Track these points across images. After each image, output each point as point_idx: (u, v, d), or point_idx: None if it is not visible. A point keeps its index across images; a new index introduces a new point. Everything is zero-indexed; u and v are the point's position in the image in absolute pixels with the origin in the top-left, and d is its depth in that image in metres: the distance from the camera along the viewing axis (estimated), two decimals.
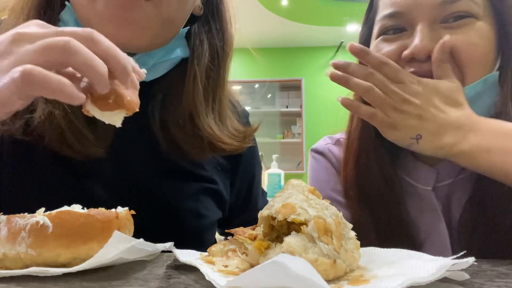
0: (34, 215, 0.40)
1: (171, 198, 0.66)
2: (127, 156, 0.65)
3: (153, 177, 0.65)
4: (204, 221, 0.69)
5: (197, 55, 0.68)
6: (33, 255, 0.39)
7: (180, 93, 0.66)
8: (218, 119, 0.69)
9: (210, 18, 0.72)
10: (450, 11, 0.62)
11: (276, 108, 5.60)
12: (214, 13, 0.72)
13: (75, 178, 0.62)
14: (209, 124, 0.66)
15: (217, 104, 0.70)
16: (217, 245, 0.45)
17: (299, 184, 0.42)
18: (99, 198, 0.61)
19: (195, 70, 0.67)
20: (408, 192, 0.70)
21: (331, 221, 0.37)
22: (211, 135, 0.66)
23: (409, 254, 0.42)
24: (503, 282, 0.37)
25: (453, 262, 0.35)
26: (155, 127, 0.66)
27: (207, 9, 0.72)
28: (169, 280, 0.38)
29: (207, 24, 0.71)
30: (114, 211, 0.44)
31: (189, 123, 0.65)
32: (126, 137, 0.63)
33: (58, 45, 0.39)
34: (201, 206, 0.68)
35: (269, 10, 4.36)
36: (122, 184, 0.63)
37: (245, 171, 0.80)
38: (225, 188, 0.75)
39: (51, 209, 0.42)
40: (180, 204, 0.66)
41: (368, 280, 0.35)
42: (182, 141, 0.65)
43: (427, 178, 0.69)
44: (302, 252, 0.34)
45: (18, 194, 0.60)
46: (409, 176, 0.70)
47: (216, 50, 0.70)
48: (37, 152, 0.60)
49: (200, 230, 0.69)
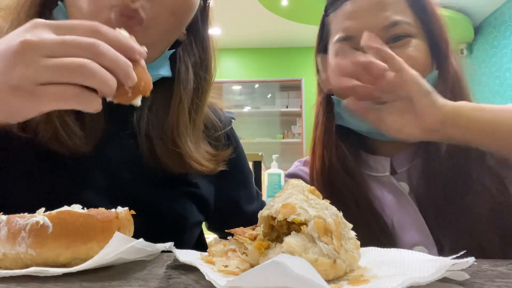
0: (34, 215, 0.40)
1: (151, 199, 0.68)
2: (112, 159, 0.67)
3: (134, 179, 0.68)
4: (185, 222, 0.72)
5: (183, 80, 0.72)
6: (33, 255, 0.39)
7: (166, 112, 0.70)
8: (194, 142, 0.73)
9: (194, 44, 0.75)
10: (391, 33, 0.74)
11: (276, 108, 5.61)
12: (197, 39, 0.76)
13: (62, 180, 0.63)
14: (189, 146, 0.70)
15: (196, 129, 0.74)
16: (217, 245, 0.45)
17: (299, 184, 0.42)
18: (84, 199, 0.62)
19: (181, 94, 0.70)
20: (371, 181, 0.80)
21: (331, 221, 0.37)
22: (189, 156, 0.69)
23: (409, 254, 0.42)
24: (503, 282, 0.37)
25: (453, 262, 0.35)
26: (140, 136, 0.69)
27: (191, 35, 0.75)
28: (169, 280, 0.38)
29: (191, 51, 0.75)
30: (114, 211, 0.44)
31: (170, 141, 0.69)
32: (112, 140, 0.67)
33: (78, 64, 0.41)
34: (181, 208, 0.71)
35: (269, 10, 4.37)
36: (107, 185, 0.65)
37: (231, 177, 0.81)
38: (209, 192, 0.77)
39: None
40: (160, 206, 0.68)
41: (368, 280, 0.35)
42: (163, 155, 0.68)
43: (384, 166, 0.80)
44: (302, 252, 0.35)
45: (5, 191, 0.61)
46: (370, 170, 0.81)
47: (200, 80, 0.74)
48: (27, 153, 0.61)
49: (180, 230, 0.72)
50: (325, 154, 0.82)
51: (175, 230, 0.70)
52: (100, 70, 0.42)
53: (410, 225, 0.73)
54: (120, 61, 0.43)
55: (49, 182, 0.62)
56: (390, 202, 0.76)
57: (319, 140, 0.84)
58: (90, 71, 0.41)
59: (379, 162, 0.81)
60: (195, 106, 0.73)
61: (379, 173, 0.80)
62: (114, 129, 0.68)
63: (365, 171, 0.81)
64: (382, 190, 0.79)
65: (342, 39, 0.78)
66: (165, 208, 0.69)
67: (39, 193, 0.61)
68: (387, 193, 0.78)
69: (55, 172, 0.63)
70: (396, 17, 0.75)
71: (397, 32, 0.75)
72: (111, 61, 0.42)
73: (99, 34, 0.43)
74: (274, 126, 5.58)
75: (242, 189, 0.86)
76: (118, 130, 0.68)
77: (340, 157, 0.80)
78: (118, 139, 0.68)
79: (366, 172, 0.81)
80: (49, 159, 0.62)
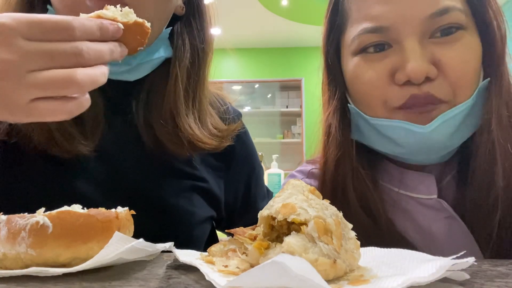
0: (34, 215, 0.40)
1: (158, 195, 0.68)
2: (114, 154, 0.67)
3: (140, 175, 0.68)
4: (193, 218, 0.71)
5: (179, 56, 0.70)
6: (33, 255, 0.39)
7: (162, 93, 0.69)
8: (198, 119, 0.71)
9: (191, 17, 0.74)
10: (439, 24, 0.57)
11: (276, 108, 5.60)
12: (195, 12, 0.74)
13: (64, 177, 0.63)
14: (189, 124, 0.69)
15: (197, 104, 0.72)
16: (217, 245, 0.45)
17: (299, 184, 0.42)
18: (87, 195, 0.63)
19: (177, 71, 0.69)
20: (410, 206, 0.63)
21: (331, 221, 0.37)
22: (190, 135, 0.68)
23: (409, 254, 0.42)
24: (503, 282, 0.37)
25: (453, 262, 0.35)
26: (140, 124, 0.68)
27: (189, 8, 0.74)
28: (169, 280, 0.38)
29: (189, 24, 0.74)
30: (114, 211, 0.44)
31: (170, 122, 0.68)
32: (113, 135, 0.67)
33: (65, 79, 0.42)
34: (189, 203, 0.70)
35: (269, 10, 4.36)
36: (110, 181, 0.65)
37: (239, 171, 0.81)
38: (218, 187, 0.76)
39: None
40: (168, 201, 0.68)
41: (368, 280, 0.35)
42: (164, 139, 0.68)
43: (426, 186, 0.62)
44: (302, 252, 0.34)
45: (7, 194, 0.61)
46: (406, 189, 0.64)
47: (197, 51, 0.73)
48: (26, 152, 0.62)
49: (188, 226, 0.71)
50: (340, 180, 0.64)
51: (183, 226, 0.70)
52: (87, 76, 0.42)
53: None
54: (103, 51, 0.45)
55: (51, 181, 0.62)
56: (443, 235, 0.60)
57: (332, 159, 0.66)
58: (77, 82, 0.42)
59: (419, 180, 0.63)
60: (193, 82, 0.71)
61: (422, 194, 0.63)
62: (114, 124, 0.68)
63: (402, 192, 0.64)
64: (426, 217, 0.62)
65: (370, 30, 0.59)
66: (171, 203, 0.68)
67: (39, 193, 0.61)
68: (433, 221, 0.61)
69: (58, 172, 0.63)
70: (446, 2, 0.56)
71: (448, 22, 0.57)
72: (96, 58, 0.44)
73: (74, 37, 0.43)
74: (274, 126, 5.57)
75: (252, 185, 0.84)
76: (118, 123, 0.69)
77: (357, 189, 0.63)
78: (118, 134, 0.68)
79: (402, 193, 0.63)
80: (49, 160, 0.62)
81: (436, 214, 0.61)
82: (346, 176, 0.63)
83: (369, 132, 0.63)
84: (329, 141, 0.67)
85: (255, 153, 0.87)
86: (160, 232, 0.64)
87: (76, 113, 0.44)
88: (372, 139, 0.64)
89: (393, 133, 0.59)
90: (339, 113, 0.66)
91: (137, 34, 0.50)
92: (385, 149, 0.63)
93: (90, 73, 0.43)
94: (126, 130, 0.69)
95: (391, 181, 0.66)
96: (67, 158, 0.62)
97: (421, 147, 0.59)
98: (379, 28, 0.58)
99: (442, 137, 0.57)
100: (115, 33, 0.47)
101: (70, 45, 0.42)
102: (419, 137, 0.57)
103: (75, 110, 0.44)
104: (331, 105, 0.67)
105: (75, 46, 0.42)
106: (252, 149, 0.86)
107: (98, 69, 0.44)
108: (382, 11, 0.58)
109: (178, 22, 0.72)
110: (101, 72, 0.44)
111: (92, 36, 0.44)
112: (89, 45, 0.43)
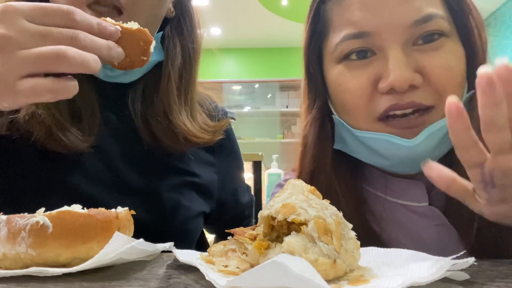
0: (34, 215, 0.40)
1: (154, 189, 0.70)
2: (111, 150, 0.69)
3: (136, 170, 0.69)
4: (188, 212, 0.73)
5: (171, 57, 0.73)
6: (33, 255, 0.39)
7: (156, 92, 0.72)
8: (190, 115, 0.74)
9: (181, 19, 0.76)
10: (422, 31, 0.56)
11: (276, 108, 5.60)
12: (185, 14, 0.77)
13: (61, 173, 0.64)
14: (183, 121, 0.72)
15: (189, 101, 0.75)
16: (217, 245, 0.45)
17: (299, 184, 0.42)
18: (84, 190, 0.63)
19: (169, 71, 0.72)
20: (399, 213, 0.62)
21: (331, 221, 0.37)
22: (184, 130, 0.71)
23: (409, 254, 0.42)
24: (503, 282, 0.37)
25: (453, 262, 0.35)
26: (137, 120, 0.71)
27: (178, 10, 0.76)
28: (169, 280, 0.38)
29: (179, 25, 0.76)
30: (114, 211, 0.44)
31: (165, 119, 0.71)
32: (110, 131, 0.69)
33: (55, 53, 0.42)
34: (184, 198, 0.73)
35: (269, 10, 4.36)
36: (107, 177, 0.66)
37: (228, 165, 0.85)
38: (211, 182, 0.79)
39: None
40: (164, 195, 0.70)
41: (368, 280, 0.35)
42: (160, 134, 0.70)
43: (416, 193, 0.61)
44: (302, 252, 0.34)
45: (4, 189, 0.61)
46: (393, 196, 0.62)
47: (188, 51, 0.76)
48: (24, 148, 0.62)
49: (184, 220, 0.73)
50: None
51: (179, 220, 0.72)
52: (78, 55, 0.42)
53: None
54: (99, 43, 0.45)
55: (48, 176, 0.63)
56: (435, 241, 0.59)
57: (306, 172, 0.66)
58: (67, 58, 0.42)
59: (408, 187, 0.62)
60: (185, 80, 0.75)
61: (411, 201, 0.61)
62: (111, 119, 0.69)
63: (394, 200, 0.63)
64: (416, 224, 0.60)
65: (352, 36, 0.58)
66: (167, 197, 0.70)
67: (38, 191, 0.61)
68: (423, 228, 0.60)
69: (55, 167, 0.64)
70: (429, 9, 0.56)
71: (431, 29, 0.56)
72: (91, 46, 0.44)
73: (74, 21, 0.44)
74: (274, 126, 5.57)
75: (238, 179, 0.89)
76: (114, 119, 0.70)
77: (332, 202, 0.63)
78: (115, 131, 0.70)
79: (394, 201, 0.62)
80: (47, 156, 0.63)
81: (426, 221, 0.60)
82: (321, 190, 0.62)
83: (353, 142, 0.62)
84: (305, 153, 0.67)
85: (239, 147, 0.92)
86: (156, 226, 0.66)
87: (60, 96, 0.44)
88: (356, 150, 0.63)
89: (379, 146, 0.59)
90: (317, 124, 0.65)
91: (140, 41, 0.50)
92: (370, 160, 0.63)
93: (82, 54, 0.43)
94: (123, 126, 0.70)
95: (377, 188, 0.64)
96: (65, 154, 0.63)
97: (406, 159, 0.58)
98: (362, 34, 0.57)
99: (427, 149, 0.56)
100: (113, 33, 0.47)
101: (68, 29, 0.43)
102: (405, 151, 0.56)
103: (61, 92, 0.44)
104: (310, 115, 0.66)
105: (72, 30, 0.43)
106: (237, 144, 0.91)
107: (91, 54, 0.44)
108: (364, 17, 0.57)
109: (168, 25, 0.75)
110: (93, 58, 0.44)
111: (91, 29, 0.45)
112: (86, 34, 0.44)
